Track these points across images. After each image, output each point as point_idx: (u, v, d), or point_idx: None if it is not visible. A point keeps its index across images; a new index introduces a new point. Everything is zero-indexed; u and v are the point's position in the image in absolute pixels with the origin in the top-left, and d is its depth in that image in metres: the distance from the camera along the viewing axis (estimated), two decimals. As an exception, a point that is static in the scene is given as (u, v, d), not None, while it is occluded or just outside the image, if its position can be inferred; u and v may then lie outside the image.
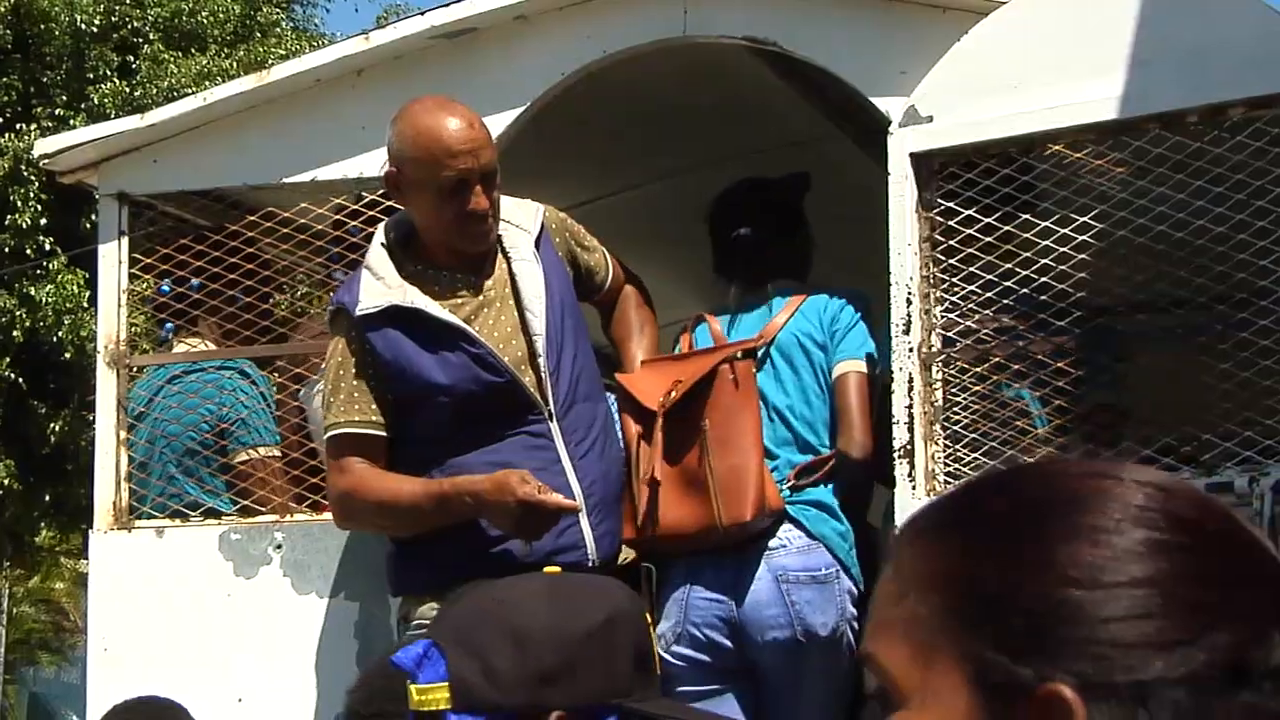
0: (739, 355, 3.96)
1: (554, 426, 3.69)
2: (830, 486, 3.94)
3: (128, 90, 16.27)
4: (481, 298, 3.74)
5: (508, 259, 3.77)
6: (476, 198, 3.65)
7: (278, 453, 4.45)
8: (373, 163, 4.36)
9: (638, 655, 1.97)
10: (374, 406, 3.69)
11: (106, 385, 4.49)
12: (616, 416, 4.00)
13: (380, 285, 3.70)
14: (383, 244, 3.76)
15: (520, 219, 3.82)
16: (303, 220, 4.45)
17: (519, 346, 3.71)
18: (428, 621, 3.35)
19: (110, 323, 4.52)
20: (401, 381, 3.66)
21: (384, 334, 3.67)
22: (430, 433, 3.67)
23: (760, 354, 4.04)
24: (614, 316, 4.12)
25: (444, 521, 3.60)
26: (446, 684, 1.85)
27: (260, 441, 4.43)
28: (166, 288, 4.58)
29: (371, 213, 4.26)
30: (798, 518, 3.89)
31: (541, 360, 3.69)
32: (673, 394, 3.92)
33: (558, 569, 2.09)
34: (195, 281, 4.50)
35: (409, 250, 3.76)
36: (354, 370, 3.69)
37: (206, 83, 14.53)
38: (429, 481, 3.63)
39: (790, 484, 3.92)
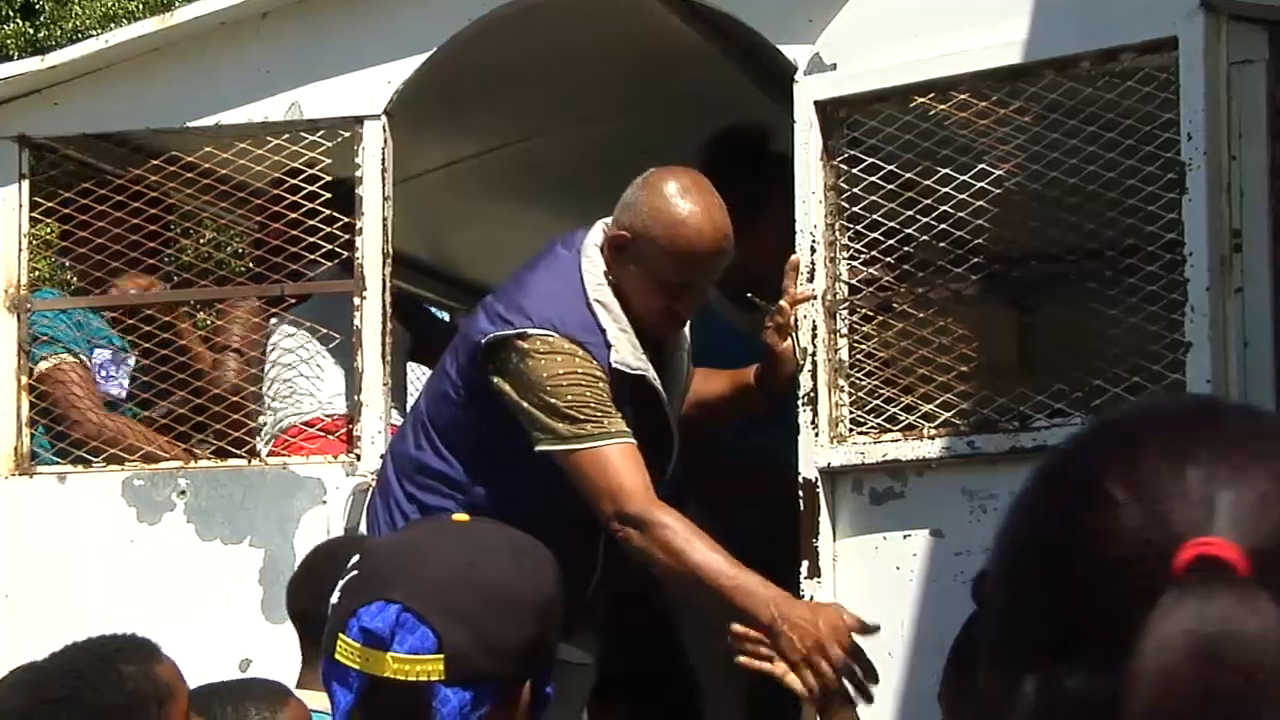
0: None
1: None
2: None
3: (31, 31, 16.00)
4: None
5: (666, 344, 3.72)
6: (688, 305, 3.61)
7: (71, 359, 4.44)
8: (277, 107, 4.32)
9: None
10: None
11: (6, 329, 4.44)
12: None
13: (627, 341, 3.55)
14: (608, 286, 3.58)
15: None
16: (207, 165, 4.41)
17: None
18: None
19: (10, 266, 4.46)
20: None
21: (615, 386, 3.52)
22: (543, 470, 3.50)
23: None
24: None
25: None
26: (439, 656, 1.81)
27: (46, 353, 4.42)
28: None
29: (312, 171, 4.21)
30: None
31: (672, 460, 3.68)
32: None
33: (465, 517, 2.05)
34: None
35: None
36: (602, 391, 3.49)
37: (112, 25, 14.33)
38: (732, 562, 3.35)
39: None
